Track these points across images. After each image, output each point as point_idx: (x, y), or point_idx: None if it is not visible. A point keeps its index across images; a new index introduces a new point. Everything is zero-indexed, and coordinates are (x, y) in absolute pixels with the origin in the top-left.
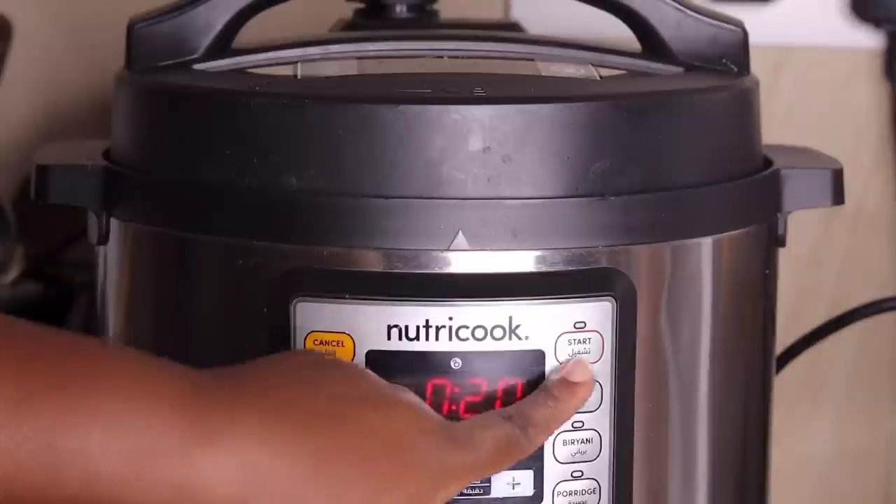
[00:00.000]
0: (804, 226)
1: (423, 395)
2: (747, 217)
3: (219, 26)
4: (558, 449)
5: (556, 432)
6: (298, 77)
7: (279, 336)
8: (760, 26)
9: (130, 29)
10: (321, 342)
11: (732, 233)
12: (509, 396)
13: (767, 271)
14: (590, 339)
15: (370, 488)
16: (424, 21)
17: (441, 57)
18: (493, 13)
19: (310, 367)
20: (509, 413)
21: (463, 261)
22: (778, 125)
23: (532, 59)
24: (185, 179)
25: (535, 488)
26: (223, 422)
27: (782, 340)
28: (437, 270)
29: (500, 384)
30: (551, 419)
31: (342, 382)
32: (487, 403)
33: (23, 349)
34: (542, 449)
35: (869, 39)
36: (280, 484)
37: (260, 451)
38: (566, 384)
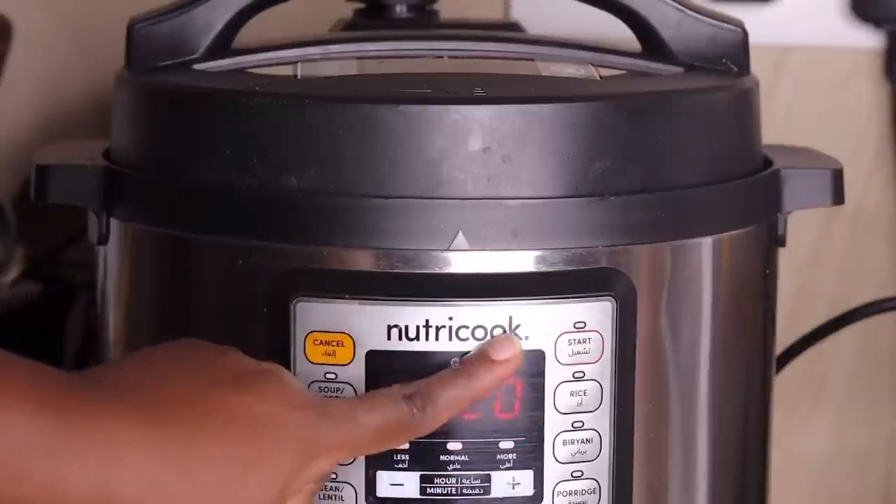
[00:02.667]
0: (804, 226)
1: None
2: (747, 217)
3: (219, 26)
4: (558, 449)
5: (556, 432)
6: (298, 77)
7: (279, 336)
8: (760, 26)
9: (130, 29)
10: (321, 342)
11: (732, 233)
12: (509, 397)
13: (767, 271)
14: (590, 339)
15: (233, 471)
16: (424, 21)
17: (441, 57)
18: (493, 13)
19: (175, 356)
20: (411, 391)
21: (463, 261)
22: (778, 125)
23: (532, 59)
24: (185, 179)
25: (535, 488)
26: (84, 421)
27: (782, 340)
28: (437, 270)
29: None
30: (460, 398)
31: (207, 367)
32: (487, 404)
33: None
34: (542, 449)
35: (869, 39)
36: (140, 473)
37: (119, 443)
38: (486, 361)
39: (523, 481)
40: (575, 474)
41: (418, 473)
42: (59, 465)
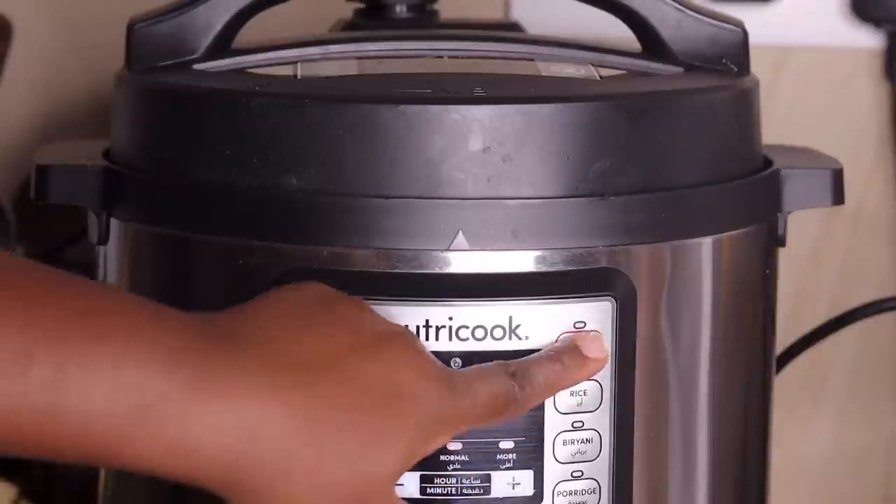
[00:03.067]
0: (804, 226)
1: None
2: (747, 217)
3: (219, 26)
4: (558, 449)
5: (556, 432)
6: (298, 77)
7: None
8: (760, 26)
9: (130, 29)
10: None
11: (732, 233)
12: None
13: (767, 271)
14: None
15: (360, 443)
16: (424, 21)
17: (441, 57)
18: (493, 13)
19: (309, 308)
20: (513, 369)
21: (463, 261)
22: (778, 125)
23: (532, 59)
24: (185, 179)
25: (535, 488)
26: (219, 376)
27: (782, 340)
28: (437, 270)
29: None
30: (553, 384)
31: (341, 328)
32: None
33: (24, 293)
34: (542, 449)
35: (869, 39)
36: (272, 438)
37: (253, 405)
38: (578, 355)
39: (523, 481)
40: (575, 474)
41: (418, 473)
42: (190, 422)
